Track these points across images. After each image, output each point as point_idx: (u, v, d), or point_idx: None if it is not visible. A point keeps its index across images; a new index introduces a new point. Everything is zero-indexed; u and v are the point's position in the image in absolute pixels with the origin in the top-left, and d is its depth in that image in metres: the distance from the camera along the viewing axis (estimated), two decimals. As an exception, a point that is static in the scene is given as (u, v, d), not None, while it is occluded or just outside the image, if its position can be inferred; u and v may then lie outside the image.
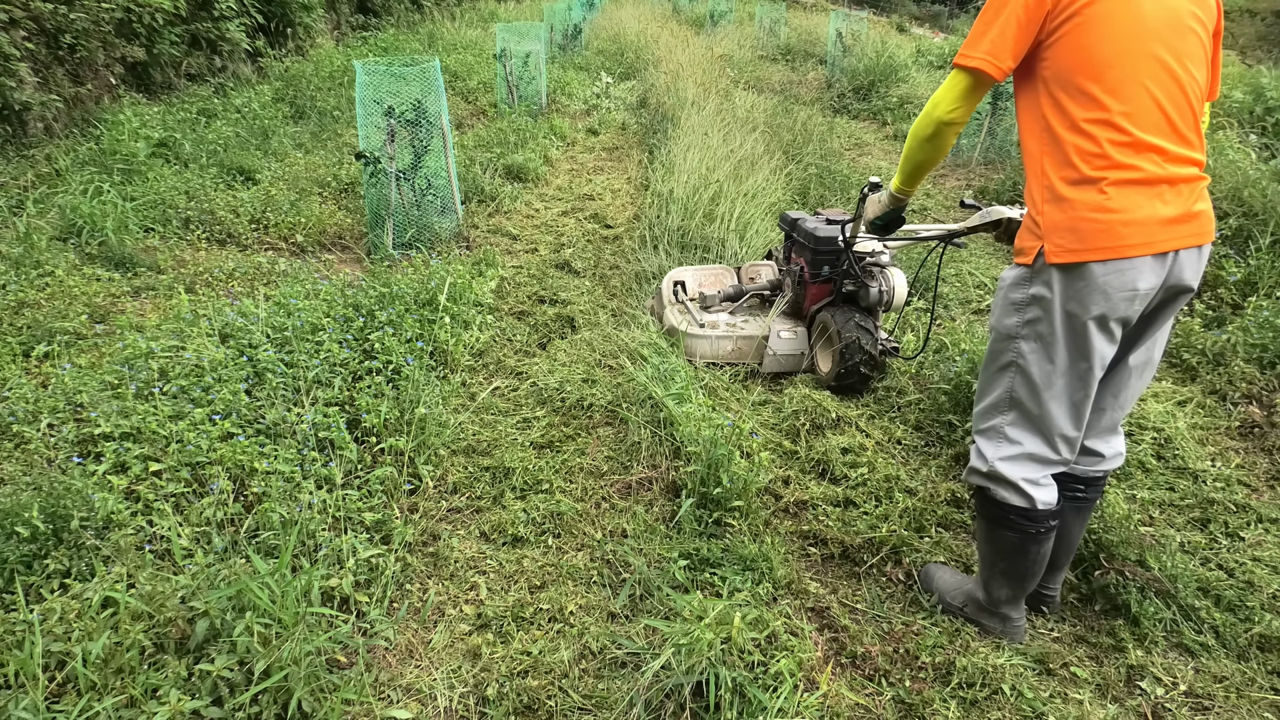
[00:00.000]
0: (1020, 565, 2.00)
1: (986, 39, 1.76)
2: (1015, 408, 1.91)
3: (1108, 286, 1.71)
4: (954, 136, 1.91)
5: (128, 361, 2.88)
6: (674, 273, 4.03)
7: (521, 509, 2.57)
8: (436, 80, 4.73)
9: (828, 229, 3.38)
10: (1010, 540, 1.97)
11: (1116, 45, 1.67)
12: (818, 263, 3.42)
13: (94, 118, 5.68)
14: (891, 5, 29.79)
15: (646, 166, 6.60)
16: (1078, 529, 2.12)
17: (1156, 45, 1.69)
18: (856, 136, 8.91)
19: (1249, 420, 3.21)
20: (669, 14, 19.36)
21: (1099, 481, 2.08)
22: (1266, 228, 4.31)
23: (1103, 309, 1.73)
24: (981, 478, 1.98)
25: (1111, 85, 1.68)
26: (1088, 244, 1.70)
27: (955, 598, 2.21)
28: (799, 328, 3.58)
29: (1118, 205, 1.68)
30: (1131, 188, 1.69)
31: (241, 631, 1.72)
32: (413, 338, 3.29)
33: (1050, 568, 2.16)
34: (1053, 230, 1.74)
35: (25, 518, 2.04)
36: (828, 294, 3.46)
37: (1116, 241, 1.68)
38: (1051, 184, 1.75)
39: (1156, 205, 1.69)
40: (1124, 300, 1.73)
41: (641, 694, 1.84)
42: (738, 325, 3.64)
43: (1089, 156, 1.70)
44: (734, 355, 3.58)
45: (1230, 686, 1.99)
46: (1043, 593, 2.20)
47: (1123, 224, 1.68)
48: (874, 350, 3.19)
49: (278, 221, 4.91)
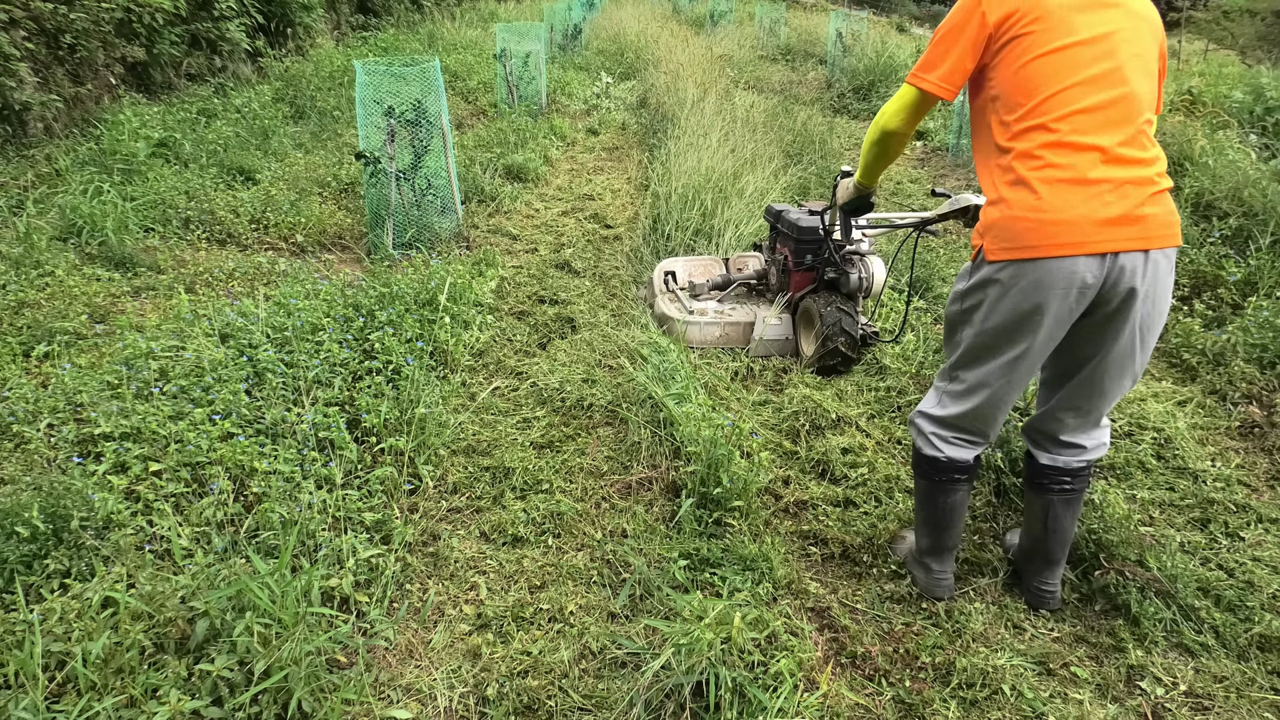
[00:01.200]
0: (931, 513, 2.18)
1: (943, 63, 1.89)
2: (953, 380, 2.08)
3: (1039, 284, 1.78)
4: (900, 145, 2.10)
5: (128, 361, 2.88)
6: (665, 263, 4.16)
7: (521, 509, 2.57)
8: (436, 80, 4.73)
9: (810, 219, 3.52)
10: (922, 488, 2.20)
11: (1052, 62, 1.77)
12: (801, 252, 3.58)
13: (94, 118, 5.68)
14: (891, 5, 29.79)
15: (646, 166, 6.60)
16: (1069, 521, 2.14)
17: (1091, 59, 1.76)
18: (856, 136, 8.90)
19: (1249, 420, 3.21)
20: (669, 14, 19.36)
21: (1084, 472, 2.12)
22: (1266, 228, 4.31)
23: (1035, 303, 1.80)
24: (911, 425, 2.22)
25: (1047, 95, 1.76)
26: (1019, 242, 1.78)
27: (903, 553, 2.39)
28: (784, 314, 3.73)
29: (1049, 204, 1.74)
30: (1065, 186, 1.74)
31: (241, 631, 1.72)
32: (413, 338, 3.29)
33: (1046, 563, 2.20)
34: (989, 229, 1.85)
35: (25, 518, 2.04)
36: (810, 281, 3.61)
37: (1047, 240, 1.75)
38: (995, 187, 1.86)
39: (1094, 205, 1.73)
40: (1058, 297, 1.78)
41: (641, 694, 1.84)
42: (725, 312, 3.80)
43: (1024, 158, 1.79)
44: (721, 340, 3.72)
45: (1230, 686, 1.98)
46: (1041, 590, 2.21)
47: (1053, 223, 1.74)
48: (854, 332, 3.33)
49: (278, 221, 4.91)
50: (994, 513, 2.61)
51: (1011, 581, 2.32)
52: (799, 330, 3.67)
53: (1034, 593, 2.23)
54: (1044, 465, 2.12)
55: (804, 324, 3.63)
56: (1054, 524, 2.12)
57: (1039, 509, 2.14)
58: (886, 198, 6.52)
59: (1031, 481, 2.17)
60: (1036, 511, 2.16)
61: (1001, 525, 2.56)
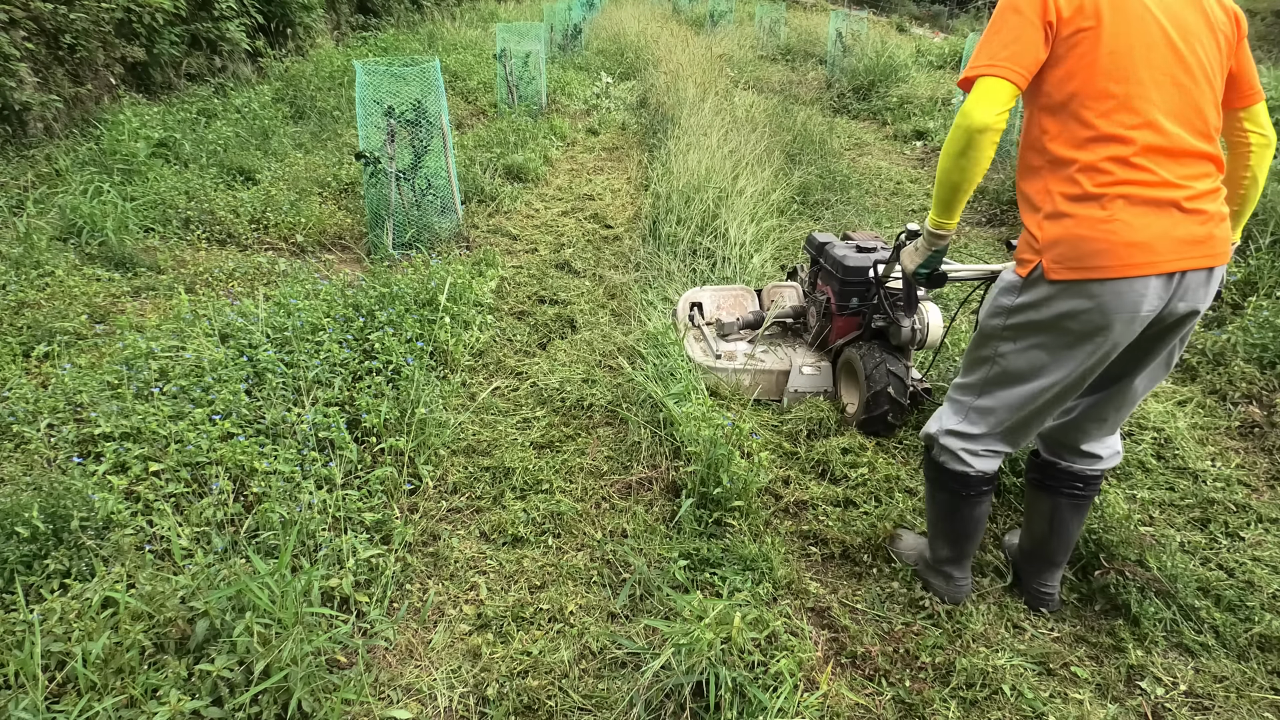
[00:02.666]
0: (956, 525, 2.10)
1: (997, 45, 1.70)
2: (983, 395, 1.96)
3: (1105, 306, 1.67)
4: (991, 147, 1.74)
5: (128, 361, 2.88)
6: (691, 293, 3.79)
7: (521, 509, 2.57)
8: (436, 80, 4.73)
9: (857, 258, 3.09)
10: (945, 500, 2.09)
11: (1119, 64, 1.64)
12: (845, 294, 3.14)
13: (94, 118, 5.68)
14: (891, 5, 29.79)
15: (646, 166, 6.60)
16: (1075, 526, 2.12)
17: (1160, 60, 1.65)
18: (856, 136, 8.91)
19: (1249, 420, 3.21)
20: (669, 14, 19.35)
21: (1097, 479, 2.09)
22: (1266, 228, 4.31)
23: (1097, 326, 1.69)
24: (930, 438, 2.09)
25: (1115, 104, 1.64)
26: (1088, 262, 1.66)
27: (910, 557, 2.33)
28: (822, 362, 3.32)
29: (1122, 222, 1.63)
30: (1137, 204, 1.63)
31: (241, 631, 1.72)
32: (413, 338, 3.29)
33: (1047, 565, 2.18)
34: (1051, 246, 1.70)
35: (25, 518, 2.04)
36: (855, 327, 3.18)
37: (1118, 260, 1.63)
38: (1054, 199, 1.71)
39: (1164, 223, 1.63)
40: (1122, 321, 1.68)
41: (641, 694, 1.84)
42: (757, 357, 3.38)
43: (1091, 173, 1.66)
44: (752, 390, 3.32)
45: (1230, 686, 1.99)
46: (1040, 591, 2.21)
47: (1126, 243, 1.63)
48: (904, 399, 2.94)
49: (278, 221, 4.91)
50: (994, 513, 2.61)
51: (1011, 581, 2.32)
52: (840, 381, 3.26)
53: (1033, 594, 2.22)
54: (1056, 469, 2.08)
55: (846, 375, 3.22)
56: (1059, 527, 2.09)
57: (1045, 510, 2.11)
58: (886, 198, 6.51)
59: (1039, 483, 2.13)
60: (1042, 512, 2.12)
61: (1002, 526, 2.56)
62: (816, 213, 5.84)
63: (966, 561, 2.19)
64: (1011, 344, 1.85)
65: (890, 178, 7.11)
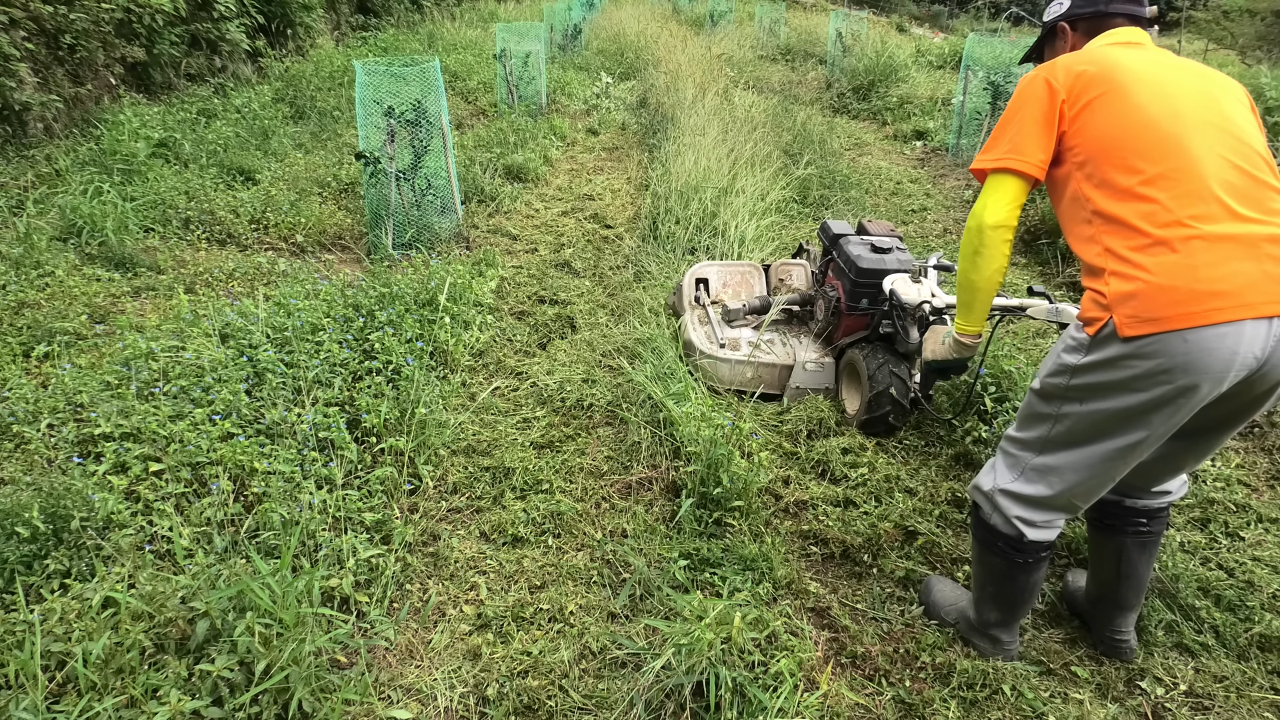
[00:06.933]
0: (1008, 591, 1.93)
1: (1006, 139, 1.72)
2: (1045, 454, 1.78)
3: (1192, 364, 1.48)
4: (1006, 245, 1.74)
5: (128, 361, 2.88)
6: (696, 268, 3.74)
7: (521, 509, 2.57)
8: (436, 80, 4.73)
9: (872, 259, 3.07)
10: (997, 565, 1.91)
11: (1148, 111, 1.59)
12: (856, 294, 3.11)
13: (94, 118, 5.68)
14: (891, 5, 29.79)
15: (646, 166, 6.60)
16: (1145, 566, 1.96)
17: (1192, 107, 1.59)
18: (856, 136, 8.91)
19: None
20: (669, 14, 19.34)
21: (1162, 513, 1.94)
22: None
23: (1180, 389, 1.51)
24: (982, 496, 1.89)
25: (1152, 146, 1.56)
26: (1170, 311, 1.48)
27: (950, 613, 2.14)
28: (826, 358, 3.31)
29: (1199, 263, 1.47)
30: (1213, 242, 1.48)
31: (242, 632, 1.72)
32: (413, 338, 3.29)
33: (1118, 611, 2.02)
34: (1122, 301, 1.54)
35: (25, 518, 2.04)
36: (863, 327, 3.17)
37: (1201, 306, 1.46)
38: (1117, 255, 1.57)
39: (1249, 261, 1.47)
40: (1210, 380, 1.49)
41: (641, 694, 1.84)
42: (761, 347, 3.36)
43: (1150, 216, 1.53)
44: (754, 383, 3.29)
45: (1230, 686, 1.99)
46: (1116, 640, 2.04)
47: (1208, 290, 1.46)
48: (904, 401, 2.94)
49: (278, 221, 4.91)
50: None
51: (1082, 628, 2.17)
52: (842, 379, 3.26)
53: (1108, 643, 2.05)
54: (1120, 506, 1.92)
55: (848, 375, 3.22)
56: (1128, 568, 1.93)
57: (1110, 552, 1.96)
58: (886, 198, 6.51)
59: (1099, 523, 1.98)
60: (1107, 555, 1.97)
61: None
62: (816, 212, 5.84)
63: (1017, 625, 2.01)
64: (1077, 405, 1.67)
65: (890, 178, 7.11)
